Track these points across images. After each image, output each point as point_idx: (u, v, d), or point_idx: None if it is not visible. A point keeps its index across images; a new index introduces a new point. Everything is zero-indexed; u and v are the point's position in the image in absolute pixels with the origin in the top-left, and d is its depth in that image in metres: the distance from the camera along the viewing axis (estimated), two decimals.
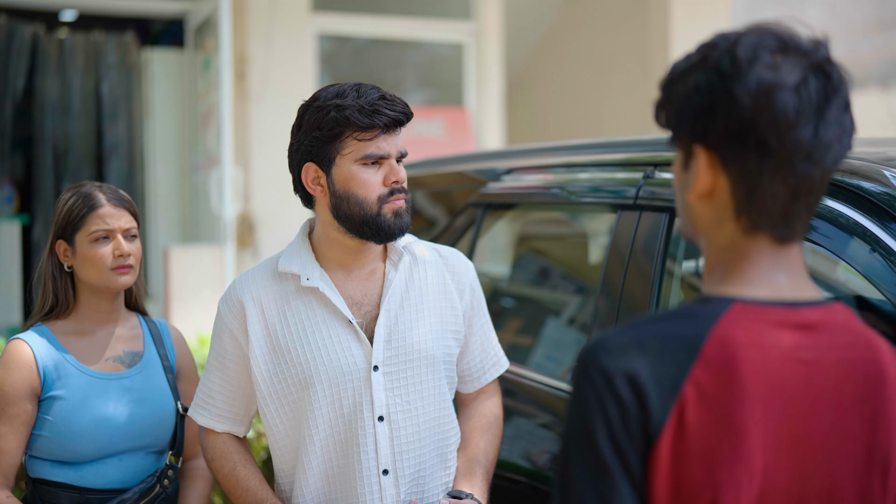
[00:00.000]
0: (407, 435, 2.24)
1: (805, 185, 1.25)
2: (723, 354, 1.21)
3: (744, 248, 1.29)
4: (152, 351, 2.63)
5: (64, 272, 2.56)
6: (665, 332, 1.23)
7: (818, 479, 1.24)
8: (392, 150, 2.21)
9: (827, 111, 1.24)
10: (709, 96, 1.25)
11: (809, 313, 1.27)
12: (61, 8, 7.84)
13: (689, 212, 1.34)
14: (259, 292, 2.29)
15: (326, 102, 2.20)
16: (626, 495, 1.19)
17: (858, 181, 2.25)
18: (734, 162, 1.25)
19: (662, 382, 1.20)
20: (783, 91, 1.22)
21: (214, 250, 6.58)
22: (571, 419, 1.23)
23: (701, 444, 1.19)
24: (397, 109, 2.20)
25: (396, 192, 2.21)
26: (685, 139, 1.30)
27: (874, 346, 1.30)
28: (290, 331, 2.25)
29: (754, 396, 1.21)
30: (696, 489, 1.19)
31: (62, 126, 8.09)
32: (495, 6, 7.97)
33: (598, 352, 1.23)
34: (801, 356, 1.24)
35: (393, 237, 2.23)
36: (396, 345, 2.25)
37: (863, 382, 1.27)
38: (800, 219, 1.28)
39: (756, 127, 1.22)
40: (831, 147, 1.25)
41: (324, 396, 2.22)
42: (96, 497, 2.47)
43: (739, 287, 1.28)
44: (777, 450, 1.22)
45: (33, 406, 2.45)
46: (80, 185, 2.59)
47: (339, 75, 7.90)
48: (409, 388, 2.26)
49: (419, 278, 2.32)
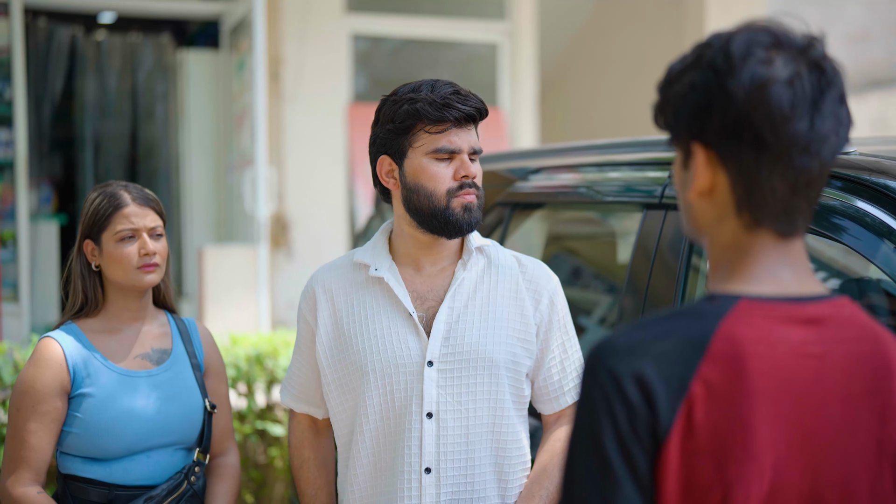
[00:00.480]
0: (454, 436, 2.22)
1: (804, 178, 1.25)
2: (730, 351, 1.21)
3: (746, 245, 1.29)
4: (180, 348, 2.66)
5: (92, 271, 2.59)
6: (672, 332, 1.23)
7: (830, 474, 1.24)
8: (464, 145, 2.22)
9: (822, 104, 1.24)
10: (704, 94, 1.26)
11: (816, 308, 1.27)
12: (99, 10, 7.92)
13: (690, 211, 1.34)
14: (331, 281, 2.35)
15: (401, 96, 2.23)
16: (630, 495, 1.19)
17: (886, 180, 2.24)
18: (732, 158, 1.26)
19: (670, 382, 1.20)
20: (777, 85, 1.22)
21: (248, 250, 6.62)
22: (578, 420, 1.23)
23: (710, 442, 1.19)
24: (470, 104, 2.21)
25: (466, 187, 2.22)
26: (683, 138, 1.30)
27: (881, 339, 1.30)
28: (354, 319, 2.28)
29: (763, 392, 1.21)
30: (706, 487, 1.19)
31: (99, 127, 8.20)
32: (529, 6, 7.96)
33: (606, 353, 1.23)
34: (809, 351, 1.24)
35: (461, 231, 2.23)
36: (454, 342, 2.24)
37: (871, 375, 1.27)
38: (801, 212, 1.28)
39: (751, 121, 1.23)
40: (828, 139, 1.25)
41: (376, 387, 2.24)
42: (125, 493, 2.50)
43: (744, 284, 1.28)
44: (787, 445, 1.22)
45: (63, 403, 2.48)
46: (106, 184, 2.62)
47: (375, 76, 7.93)
48: (461, 387, 2.23)
49: (490, 281, 2.30)
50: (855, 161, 2.32)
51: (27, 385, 2.47)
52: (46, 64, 7.92)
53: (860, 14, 13.56)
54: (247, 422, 4.71)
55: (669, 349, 1.21)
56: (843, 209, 2.26)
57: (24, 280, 6.99)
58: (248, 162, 6.79)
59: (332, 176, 7.28)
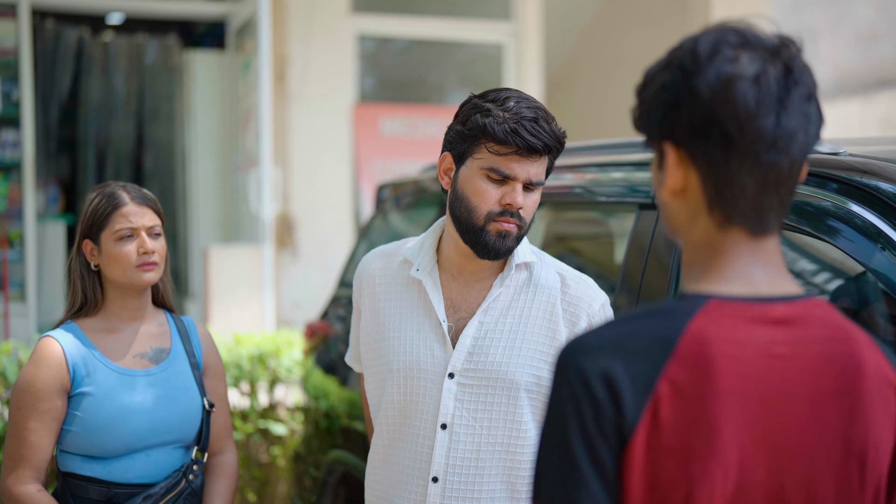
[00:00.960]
0: (465, 451, 2.20)
1: (773, 175, 1.26)
2: (697, 351, 1.22)
3: (719, 243, 1.30)
4: (179, 347, 2.68)
5: (91, 271, 2.62)
6: (640, 331, 1.24)
7: (797, 473, 1.25)
8: (521, 174, 2.15)
9: (788, 101, 1.25)
10: (673, 93, 1.27)
11: (786, 308, 1.28)
12: (107, 12, 7.96)
13: (665, 211, 1.36)
14: (377, 271, 2.36)
15: (481, 103, 2.18)
16: (595, 492, 1.20)
17: (876, 182, 2.24)
18: (701, 156, 1.27)
19: (637, 380, 1.21)
20: (742, 82, 1.23)
21: (253, 250, 6.65)
22: (547, 418, 1.25)
23: (675, 441, 1.20)
24: (539, 137, 2.13)
25: (508, 215, 2.16)
26: (656, 138, 1.32)
27: (852, 339, 1.30)
28: (391, 314, 2.30)
29: (729, 392, 1.22)
30: (670, 485, 1.20)
31: (106, 127, 8.24)
32: (535, 6, 7.97)
33: (574, 352, 1.24)
34: (778, 351, 1.25)
35: (490, 256, 2.19)
36: (478, 359, 2.21)
37: (840, 376, 1.28)
38: (772, 210, 1.29)
39: (718, 118, 1.24)
40: (795, 136, 1.26)
41: (398, 385, 2.25)
42: (123, 491, 2.52)
43: (715, 284, 1.28)
44: (753, 444, 1.23)
45: (63, 402, 2.51)
46: (105, 185, 2.65)
47: (380, 76, 7.95)
48: (479, 404, 2.20)
49: (526, 300, 2.25)
50: (844, 162, 2.33)
51: (27, 384, 2.50)
52: (54, 65, 7.97)
53: (868, 14, 13.52)
54: (249, 421, 4.73)
55: (637, 348, 1.22)
56: (832, 210, 2.27)
57: (30, 280, 7.04)
58: (253, 162, 6.82)
59: (338, 176, 7.30)
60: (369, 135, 7.43)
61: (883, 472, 1.30)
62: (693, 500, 1.20)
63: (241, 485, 4.78)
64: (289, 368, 4.79)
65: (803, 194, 2.35)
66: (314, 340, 4.33)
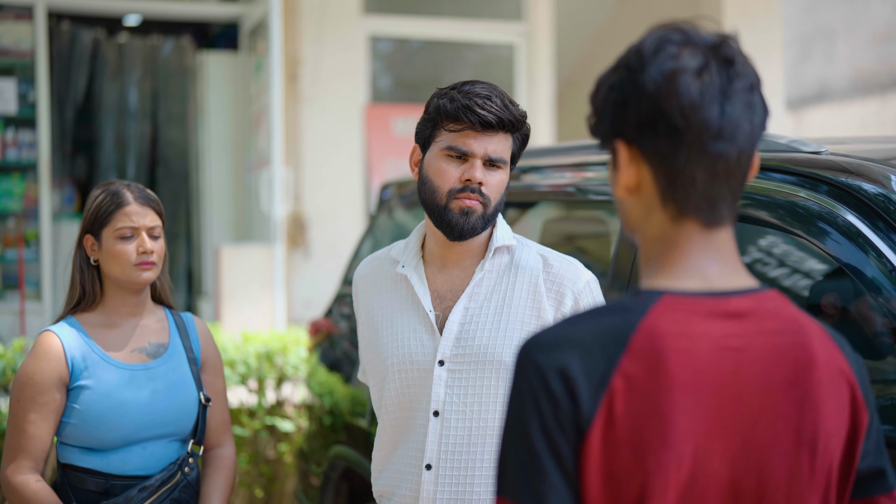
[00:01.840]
0: (457, 436, 2.24)
1: (722, 165, 1.29)
2: (650, 346, 1.25)
3: (673, 237, 1.33)
4: (177, 342, 2.73)
5: (91, 265, 2.68)
6: (596, 327, 1.27)
7: (749, 461, 1.28)
8: (478, 149, 2.19)
9: (731, 92, 1.28)
10: (620, 92, 1.31)
11: (739, 302, 1.31)
12: (122, 14, 8.04)
13: (622, 209, 1.39)
14: (367, 274, 2.43)
15: (441, 90, 2.26)
16: (557, 485, 1.23)
17: (860, 182, 2.27)
18: (651, 150, 1.30)
19: (592, 375, 1.24)
20: (685, 75, 1.27)
21: (264, 249, 6.70)
22: (508, 414, 1.28)
23: (630, 434, 1.24)
24: (491, 111, 2.18)
25: (468, 191, 2.20)
26: (608, 138, 1.36)
27: (804, 331, 1.33)
28: (383, 313, 2.36)
29: (682, 385, 1.25)
30: (625, 476, 1.24)
31: (121, 128, 8.31)
32: (546, 7, 8.00)
33: (532, 348, 1.28)
34: (730, 344, 1.28)
35: (458, 236, 2.23)
36: (466, 343, 2.25)
37: (792, 367, 1.30)
38: (723, 201, 1.32)
39: (663, 111, 1.28)
40: (740, 126, 1.29)
41: (394, 381, 2.30)
42: (121, 483, 2.58)
43: (670, 279, 1.32)
44: (707, 435, 1.26)
45: (62, 395, 2.57)
46: (110, 182, 2.70)
47: (392, 76, 7.99)
48: (468, 388, 2.25)
49: (509, 282, 2.29)
50: (824, 161, 2.36)
51: (27, 377, 2.56)
52: (69, 66, 8.05)
53: (887, 12, 13.45)
54: (257, 418, 4.78)
55: (592, 344, 1.26)
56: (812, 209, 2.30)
57: (46, 279, 7.12)
58: (265, 162, 6.88)
59: (350, 176, 7.35)
60: (381, 135, 7.48)
61: (835, 460, 1.33)
62: (648, 491, 1.24)
63: (248, 481, 4.83)
64: (296, 366, 4.84)
65: (787, 193, 2.37)
66: (318, 338, 4.38)
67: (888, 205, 2.19)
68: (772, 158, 2.49)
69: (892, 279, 2.12)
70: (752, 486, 1.28)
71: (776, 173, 2.44)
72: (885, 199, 2.20)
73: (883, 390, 2.11)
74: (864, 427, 1.36)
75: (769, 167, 2.46)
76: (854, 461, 1.36)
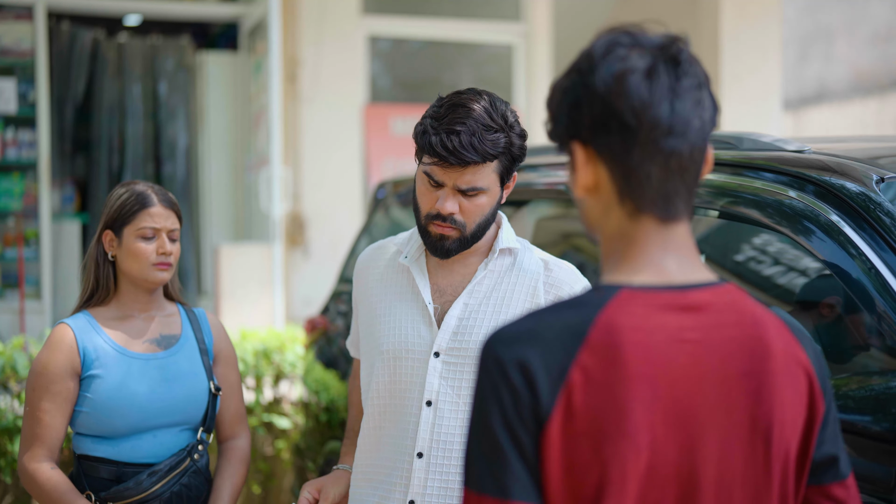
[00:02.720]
0: (449, 426, 2.30)
1: (675, 161, 1.33)
2: (607, 340, 1.28)
3: (631, 233, 1.36)
4: (189, 334, 2.81)
5: (107, 260, 2.75)
6: (555, 321, 1.31)
7: (705, 451, 1.31)
8: (448, 181, 2.25)
9: (679, 89, 1.32)
10: (573, 95, 1.36)
11: (697, 295, 1.34)
12: (121, 14, 8.08)
13: (582, 209, 1.43)
14: (371, 261, 2.50)
15: (428, 114, 2.30)
16: (519, 475, 1.27)
17: (843, 181, 2.30)
18: (605, 149, 1.34)
19: (551, 369, 1.28)
20: (634, 75, 1.31)
21: (263, 248, 6.74)
22: (473, 407, 1.32)
23: (588, 426, 1.27)
24: (456, 154, 2.21)
25: (440, 219, 2.27)
26: (565, 141, 1.39)
27: (760, 323, 1.36)
28: (382, 300, 2.41)
29: (638, 377, 1.28)
30: (584, 467, 1.27)
31: (121, 128, 8.35)
32: (544, 7, 8.03)
33: (494, 342, 1.32)
34: (687, 336, 1.32)
35: (436, 255, 2.33)
36: (462, 338, 2.31)
37: (748, 358, 1.34)
38: (679, 196, 1.35)
39: (614, 110, 1.32)
40: (691, 122, 1.33)
41: (386, 367, 2.35)
42: (132, 470, 2.66)
43: (629, 274, 1.35)
44: (664, 425, 1.29)
45: (75, 384, 2.66)
46: (134, 182, 2.78)
47: (394, 76, 8.03)
48: (462, 381, 2.31)
49: (510, 283, 2.36)
50: (809, 160, 2.39)
51: (42, 367, 2.65)
52: (69, 66, 8.08)
53: (886, 13, 13.47)
54: (254, 415, 4.82)
55: (551, 338, 1.29)
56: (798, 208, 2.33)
57: (46, 278, 7.16)
58: (264, 162, 6.91)
59: (349, 176, 7.38)
60: (380, 135, 7.52)
61: (791, 449, 1.37)
62: (606, 482, 1.27)
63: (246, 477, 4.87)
64: (293, 363, 4.88)
65: (770, 191, 2.41)
66: (314, 335, 4.41)
67: (869, 203, 2.23)
68: (759, 157, 2.52)
69: (872, 277, 2.15)
70: (709, 475, 1.32)
71: (766, 172, 2.47)
72: (866, 199, 2.23)
73: (864, 381, 2.14)
74: (820, 416, 1.40)
75: (757, 166, 2.50)
76: (810, 449, 1.40)
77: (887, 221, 2.20)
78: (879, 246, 2.18)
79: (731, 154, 2.59)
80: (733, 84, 7.81)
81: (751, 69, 7.92)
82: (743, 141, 2.64)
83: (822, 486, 1.44)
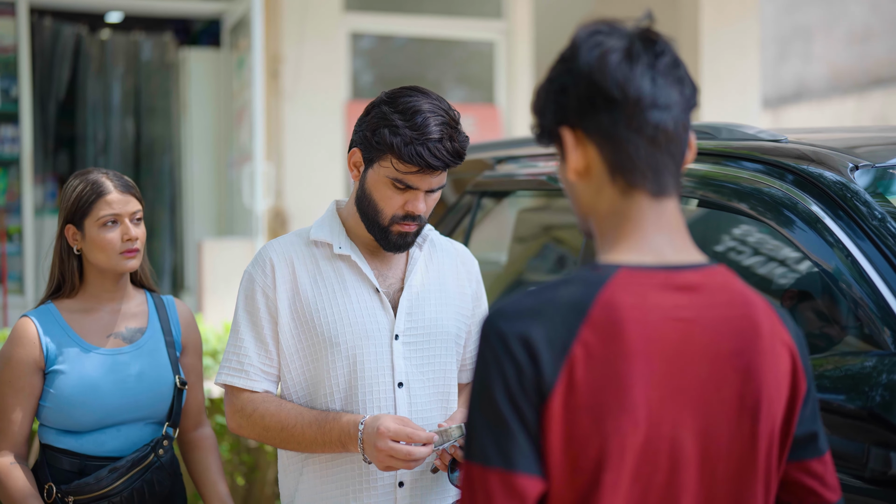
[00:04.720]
0: (421, 402, 2.37)
1: (662, 134, 1.38)
2: (608, 317, 1.33)
3: (625, 209, 1.41)
4: (156, 326, 2.76)
5: (73, 254, 2.70)
6: (557, 298, 1.35)
7: (696, 425, 1.36)
8: (423, 186, 2.29)
9: (658, 65, 1.39)
10: (559, 82, 1.41)
11: (690, 276, 1.39)
12: (104, 10, 8.07)
13: (574, 195, 1.47)
14: (290, 253, 2.39)
15: (390, 114, 2.27)
16: (522, 445, 1.31)
17: (821, 170, 2.35)
18: (594, 128, 1.39)
19: (553, 344, 1.32)
20: (614, 54, 1.38)
21: (246, 243, 6.76)
22: (475, 381, 1.36)
23: (589, 399, 1.31)
24: (441, 158, 2.25)
25: (410, 220, 2.32)
26: (553, 129, 1.44)
27: (750, 304, 1.42)
28: (319, 292, 2.38)
29: (637, 354, 1.33)
30: (585, 439, 1.32)
31: (103, 124, 8.34)
32: (525, 5, 8.08)
33: (497, 318, 1.36)
34: (681, 315, 1.37)
35: (392, 251, 2.37)
36: (416, 318, 2.39)
37: (738, 337, 1.39)
38: (667, 170, 1.41)
39: (599, 87, 1.37)
40: (672, 96, 1.39)
41: (346, 357, 2.34)
42: (95, 464, 2.62)
43: (626, 254, 1.40)
44: (659, 401, 1.34)
45: (38, 379, 2.62)
46: (87, 171, 2.71)
47: (376, 73, 8.06)
48: (423, 359, 2.38)
49: (437, 261, 2.48)
50: (789, 150, 2.44)
51: (4, 362, 2.61)
52: (52, 62, 8.07)
53: (863, 13, 13.58)
54: None
55: (554, 314, 1.33)
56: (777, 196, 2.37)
57: (28, 273, 7.16)
58: (247, 158, 6.93)
59: (331, 172, 7.41)
60: None
61: (776, 425, 1.42)
62: (606, 454, 1.32)
63: (230, 469, 4.89)
64: None
65: (749, 180, 2.45)
66: None
67: (845, 192, 2.27)
68: (738, 147, 2.57)
69: (849, 266, 2.20)
70: (697, 448, 1.37)
71: (746, 161, 2.52)
72: (843, 187, 2.28)
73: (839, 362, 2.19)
74: (802, 394, 1.45)
75: (738, 156, 2.54)
76: (792, 426, 1.45)
77: (864, 210, 2.24)
78: (856, 234, 2.22)
79: (712, 143, 2.64)
80: (713, 82, 7.87)
81: (730, 68, 7.99)
82: (721, 131, 2.69)
83: (802, 461, 1.49)
